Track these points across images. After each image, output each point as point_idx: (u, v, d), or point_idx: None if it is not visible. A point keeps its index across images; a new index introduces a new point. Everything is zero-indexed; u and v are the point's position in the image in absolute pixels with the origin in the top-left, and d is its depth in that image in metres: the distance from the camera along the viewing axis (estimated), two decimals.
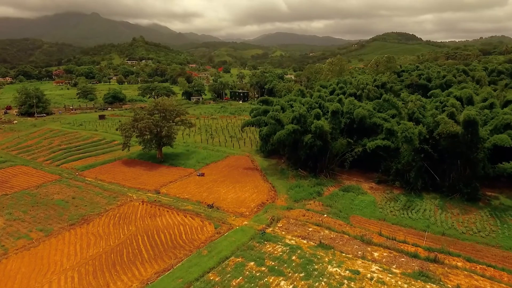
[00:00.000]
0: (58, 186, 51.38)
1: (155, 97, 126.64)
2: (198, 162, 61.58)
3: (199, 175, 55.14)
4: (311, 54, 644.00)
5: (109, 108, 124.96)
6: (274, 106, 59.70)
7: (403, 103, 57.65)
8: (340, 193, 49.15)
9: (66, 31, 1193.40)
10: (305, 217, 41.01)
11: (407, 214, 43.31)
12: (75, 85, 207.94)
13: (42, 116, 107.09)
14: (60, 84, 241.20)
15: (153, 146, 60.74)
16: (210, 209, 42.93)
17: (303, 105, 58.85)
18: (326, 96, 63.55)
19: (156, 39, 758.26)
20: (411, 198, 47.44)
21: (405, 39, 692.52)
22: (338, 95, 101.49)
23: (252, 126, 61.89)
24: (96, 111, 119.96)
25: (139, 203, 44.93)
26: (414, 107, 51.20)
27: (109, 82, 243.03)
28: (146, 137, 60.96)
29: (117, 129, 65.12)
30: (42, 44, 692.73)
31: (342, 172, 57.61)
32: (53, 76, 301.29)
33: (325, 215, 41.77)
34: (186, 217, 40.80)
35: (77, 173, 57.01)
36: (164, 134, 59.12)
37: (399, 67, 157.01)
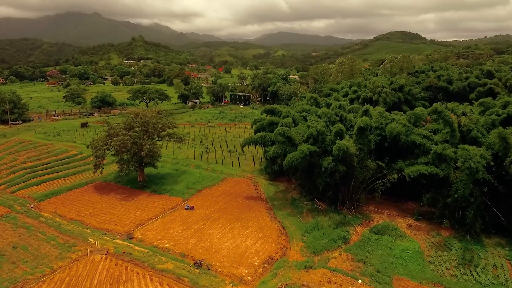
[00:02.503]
0: (1, 226, 39.31)
1: (147, 101, 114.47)
2: (188, 188, 49.40)
3: (187, 209, 43.01)
4: (313, 53, 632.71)
5: (95, 114, 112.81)
6: (284, 118, 47.52)
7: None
8: (373, 237, 36.92)
9: (67, 31, 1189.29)
10: (331, 285, 28.83)
11: (472, 275, 31.15)
12: (67, 86, 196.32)
13: (18, 124, 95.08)
14: (53, 85, 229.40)
15: (131, 168, 48.65)
16: (198, 269, 30.78)
17: (320, 118, 46.68)
18: (347, 106, 51.15)
19: (157, 39, 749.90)
20: (468, 245, 35.35)
21: (409, 38, 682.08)
22: (352, 100, 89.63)
23: (255, 144, 49.83)
24: (81, 117, 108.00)
25: (102, 257, 32.81)
26: (469, 123, 38.95)
27: (104, 83, 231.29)
28: (124, 156, 48.95)
29: (88, 147, 53.08)
30: (41, 44, 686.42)
31: (368, 202, 45.67)
32: (47, 77, 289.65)
33: (360, 281, 29.57)
34: (162, 285, 28.62)
35: (31, 206, 44.89)
36: (144, 154, 46.97)
37: (413, 67, 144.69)
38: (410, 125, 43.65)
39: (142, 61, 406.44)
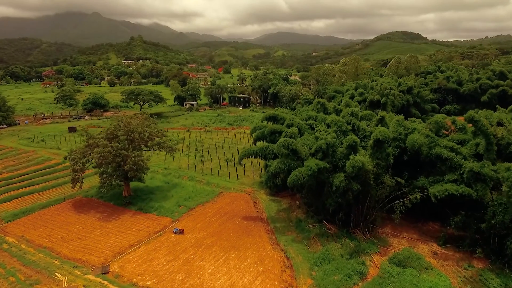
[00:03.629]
0: None
1: (141, 103, 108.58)
2: (178, 206, 43.53)
3: (176, 233, 37.16)
4: (314, 53, 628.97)
5: (86, 117, 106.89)
6: (288, 127, 41.71)
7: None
8: (394, 270, 31.04)
9: (67, 31, 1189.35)
10: None
11: None
12: (62, 87, 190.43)
13: (1, 128, 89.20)
14: (48, 86, 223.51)
15: (114, 183, 42.74)
16: None
17: (329, 127, 40.85)
18: (359, 112, 45.09)
19: (157, 39, 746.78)
20: (508, 281, 29.66)
21: (410, 38, 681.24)
22: (358, 102, 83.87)
23: (255, 157, 43.92)
24: (70, 120, 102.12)
25: None
26: (508, 135, 33.14)
27: (100, 83, 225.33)
28: (107, 169, 42.95)
29: (65, 158, 47.14)
30: (40, 43, 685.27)
31: (384, 222, 40.06)
32: (43, 77, 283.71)
33: None
34: None
35: None
36: (127, 168, 41.06)
37: (419, 67, 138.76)
38: (434, 136, 37.74)
39: (140, 61, 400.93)
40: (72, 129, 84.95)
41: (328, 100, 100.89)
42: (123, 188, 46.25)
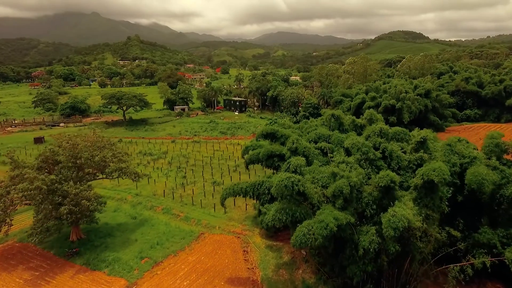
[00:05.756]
0: None
1: (124, 108, 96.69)
2: (140, 258, 31.71)
3: None
4: (314, 53, 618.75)
5: (61, 124, 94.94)
6: (292, 154, 30.05)
7: None
8: None
9: (67, 31, 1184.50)
10: None
11: None
12: (49, 88, 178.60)
13: None
14: (35, 87, 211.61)
15: (52, 229, 30.95)
16: None
17: (348, 153, 29.15)
18: (389, 130, 32.75)
19: (157, 39, 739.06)
20: None
21: (412, 37, 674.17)
22: (369, 108, 72.19)
23: (244, 196, 32.17)
24: (42, 128, 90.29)
25: None
26: None
27: (90, 85, 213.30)
28: (43, 211, 31.07)
29: None
30: (38, 43, 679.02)
31: (424, 283, 28.69)
32: (34, 78, 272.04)
33: None
34: None
35: None
36: (65, 211, 29.19)
37: (435, 68, 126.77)
38: (504, 169, 26.01)
39: (136, 61, 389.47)
40: (38, 140, 73.12)
41: (335, 105, 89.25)
42: (70, 229, 34.56)
